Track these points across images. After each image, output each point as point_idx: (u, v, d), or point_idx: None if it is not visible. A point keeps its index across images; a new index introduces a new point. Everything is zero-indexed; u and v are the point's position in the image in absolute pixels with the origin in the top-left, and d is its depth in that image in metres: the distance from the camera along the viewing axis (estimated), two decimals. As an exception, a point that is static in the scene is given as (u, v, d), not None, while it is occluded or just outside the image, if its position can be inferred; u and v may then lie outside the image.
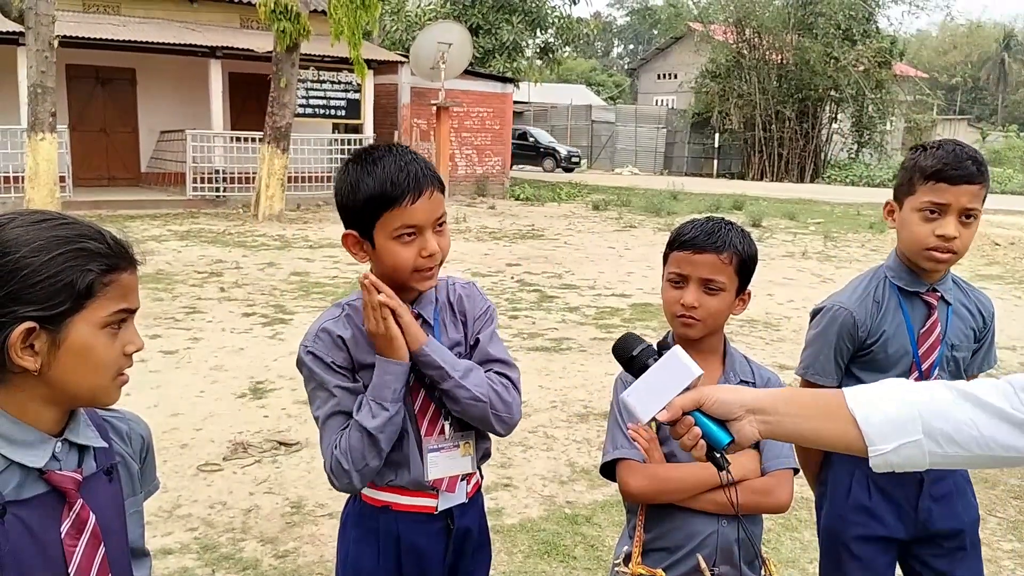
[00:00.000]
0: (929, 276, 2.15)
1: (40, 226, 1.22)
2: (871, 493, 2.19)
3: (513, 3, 26.75)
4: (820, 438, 1.34)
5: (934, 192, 2.05)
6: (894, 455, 1.27)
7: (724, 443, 1.34)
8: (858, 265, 12.26)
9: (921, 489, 2.15)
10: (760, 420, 1.34)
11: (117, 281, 1.25)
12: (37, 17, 11.77)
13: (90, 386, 1.26)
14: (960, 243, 2.05)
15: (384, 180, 1.70)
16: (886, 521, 2.18)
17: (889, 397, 1.29)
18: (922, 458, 1.26)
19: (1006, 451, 1.23)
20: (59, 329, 1.20)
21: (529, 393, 5.35)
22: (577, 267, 11.33)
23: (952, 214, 2.04)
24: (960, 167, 2.02)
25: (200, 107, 18.00)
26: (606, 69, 72.19)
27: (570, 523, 3.90)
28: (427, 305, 1.87)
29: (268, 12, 14.18)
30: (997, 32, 73.64)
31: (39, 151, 12.29)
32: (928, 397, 1.27)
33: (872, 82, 32.28)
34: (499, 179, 22.74)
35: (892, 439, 1.26)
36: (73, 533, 1.25)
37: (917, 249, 2.10)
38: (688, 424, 1.36)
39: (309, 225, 14.93)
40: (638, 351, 1.47)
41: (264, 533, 3.74)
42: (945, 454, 1.25)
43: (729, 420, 1.35)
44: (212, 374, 6.02)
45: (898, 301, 2.16)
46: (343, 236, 1.82)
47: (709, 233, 1.92)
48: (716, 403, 1.35)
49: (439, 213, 1.77)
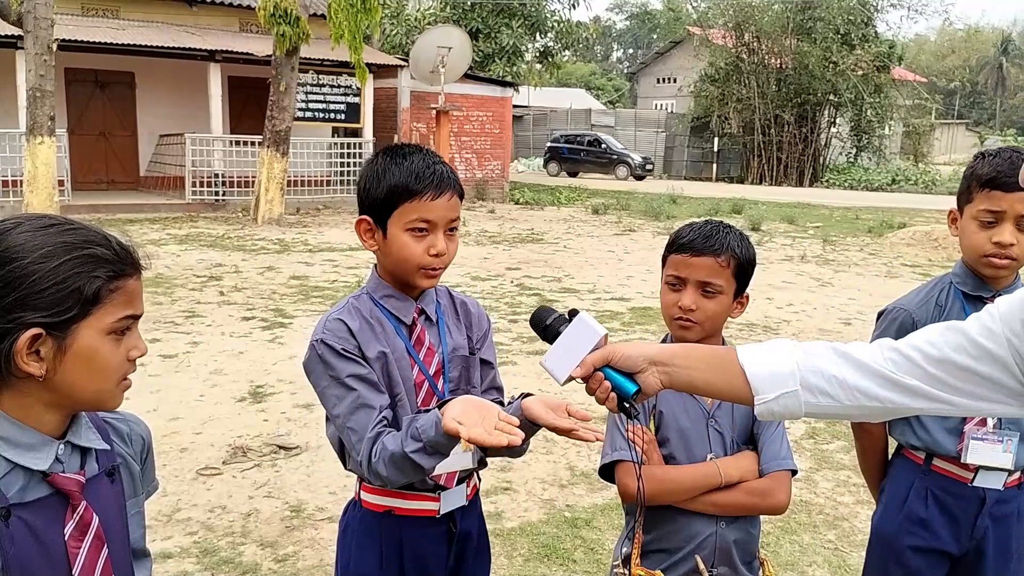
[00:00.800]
0: (995, 283, 2.16)
1: (47, 231, 1.22)
2: (928, 505, 2.19)
3: (513, 7, 26.78)
4: (713, 387, 1.48)
5: (989, 200, 2.08)
6: (775, 403, 1.40)
7: (631, 392, 1.46)
8: (857, 269, 12.28)
9: (982, 507, 2.15)
10: (661, 371, 1.46)
11: (123, 287, 1.25)
12: (36, 20, 11.77)
13: (94, 391, 1.26)
14: (1018, 250, 2.07)
15: (410, 172, 1.77)
16: (940, 535, 2.18)
17: (774, 353, 1.42)
18: (798, 407, 1.39)
19: (870, 401, 1.35)
20: (65, 335, 1.20)
21: (528, 397, 5.34)
22: (577, 271, 11.34)
23: (1008, 221, 2.06)
24: (1014, 174, 2.04)
25: (199, 111, 18.01)
26: (605, 73, 72.23)
27: (570, 526, 3.91)
28: (429, 303, 1.90)
29: (268, 16, 14.19)
30: (995, 37, 73.79)
31: (38, 155, 12.29)
32: (807, 354, 1.40)
33: (871, 86, 32.30)
34: (498, 183, 22.76)
35: (773, 389, 1.39)
36: (77, 535, 1.26)
37: (976, 256, 2.13)
38: (599, 379, 1.48)
39: (308, 229, 14.93)
40: (550, 320, 1.58)
41: (264, 537, 3.74)
42: (819, 404, 1.38)
43: (635, 372, 1.47)
44: (211, 378, 6.02)
45: (962, 306, 2.17)
46: (357, 220, 1.85)
47: (707, 236, 1.93)
48: (622, 358, 1.47)
49: (454, 216, 1.81)
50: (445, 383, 1.88)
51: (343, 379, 1.76)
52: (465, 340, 1.93)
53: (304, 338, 1.90)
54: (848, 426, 3.30)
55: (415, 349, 1.86)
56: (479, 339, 1.97)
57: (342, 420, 1.75)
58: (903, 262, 13.05)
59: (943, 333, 1.33)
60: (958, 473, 2.16)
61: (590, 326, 1.51)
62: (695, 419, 1.95)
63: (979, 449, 2.11)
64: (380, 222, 1.80)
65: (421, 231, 1.77)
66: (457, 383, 1.90)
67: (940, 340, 1.32)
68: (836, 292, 10.20)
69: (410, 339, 1.86)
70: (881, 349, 1.37)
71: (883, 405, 1.35)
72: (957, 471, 2.16)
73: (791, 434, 5.11)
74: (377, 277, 1.89)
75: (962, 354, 1.29)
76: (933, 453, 2.19)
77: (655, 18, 58.05)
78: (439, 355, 1.88)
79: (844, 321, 8.61)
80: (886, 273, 11.93)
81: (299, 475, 4.38)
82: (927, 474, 2.20)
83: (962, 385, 1.30)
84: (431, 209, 1.76)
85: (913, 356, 1.33)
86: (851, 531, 3.96)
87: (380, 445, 1.69)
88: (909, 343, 1.35)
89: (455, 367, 1.90)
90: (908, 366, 1.33)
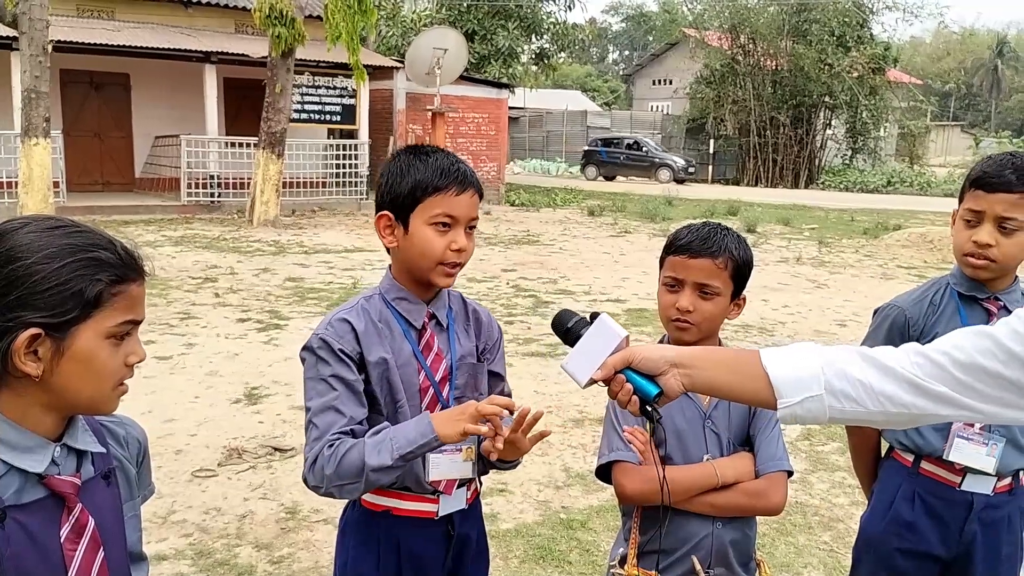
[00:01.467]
0: (990, 284, 2.16)
1: (53, 233, 1.22)
2: (915, 508, 2.19)
3: (509, 9, 26.80)
4: (735, 390, 1.46)
5: (973, 199, 2.10)
6: (799, 408, 1.37)
7: (653, 394, 1.45)
8: (852, 271, 12.31)
9: (970, 512, 2.15)
10: (683, 373, 1.45)
11: (125, 292, 1.25)
12: (31, 22, 11.74)
13: (90, 394, 1.26)
14: (998, 252, 2.06)
15: (436, 169, 1.81)
16: (928, 538, 2.18)
17: (798, 356, 1.40)
18: (823, 412, 1.36)
19: (896, 407, 1.33)
20: (64, 337, 1.20)
21: (524, 399, 5.34)
22: (573, 273, 11.35)
23: (988, 221, 2.07)
24: (998, 175, 2.05)
25: (195, 112, 17.97)
26: (601, 75, 72.35)
27: (565, 528, 3.91)
28: (441, 308, 1.91)
29: (263, 17, 14.17)
30: (990, 39, 74.02)
31: (33, 156, 12.26)
32: (833, 358, 1.38)
33: (866, 88, 32.38)
34: (495, 184, 22.74)
35: (798, 393, 1.37)
36: (72, 537, 1.26)
37: (958, 255, 2.15)
38: (620, 381, 1.47)
39: (304, 231, 14.92)
40: (572, 323, 1.58)
41: (259, 539, 3.73)
42: (843, 409, 1.36)
43: (656, 375, 1.45)
44: (207, 380, 6.01)
45: (956, 306, 2.18)
46: (378, 216, 1.86)
47: (705, 238, 1.94)
48: (643, 360, 1.46)
49: (474, 215, 1.85)
50: (451, 390, 1.88)
51: (327, 377, 1.77)
52: (474, 348, 1.94)
53: (300, 339, 1.91)
54: (843, 428, 3.30)
55: (423, 354, 1.86)
56: (488, 348, 1.98)
57: (311, 415, 1.78)
58: (899, 264, 13.08)
59: (971, 338, 1.31)
60: (946, 477, 2.16)
61: (611, 328, 1.51)
62: (692, 420, 1.95)
63: (963, 448, 2.12)
64: (402, 218, 1.81)
65: (444, 226, 1.79)
66: (463, 390, 1.90)
67: (968, 345, 1.30)
68: (832, 294, 10.22)
69: (419, 343, 1.86)
70: (908, 354, 1.35)
71: (909, 411, 1.32)
72: (945, 474, 2.16)
73: (787, 436, 5.11)
74: (391, 278, 1.89)
75: (991, 359, 1.27)
76: (921, 453, 2.19)
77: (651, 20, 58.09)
78: (447, 361, 1.88)
79: (839, 323, 8.63)
80: (881, 275, 11.95)
81: (294, 476, 4.37)
82: (915, 477, 2.21)
83: (990, 391, 1.28)
84: (455, 204, 1.80)
85: (941, 361, 1.31)
86: (846, 532, 3.96)
87: (335, 449, 1.71)
88: (937, 348, 1.33)
89: (462, 374, 1.90)
90: (936, 371, 1.30)
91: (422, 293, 1.87)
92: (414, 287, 1.86)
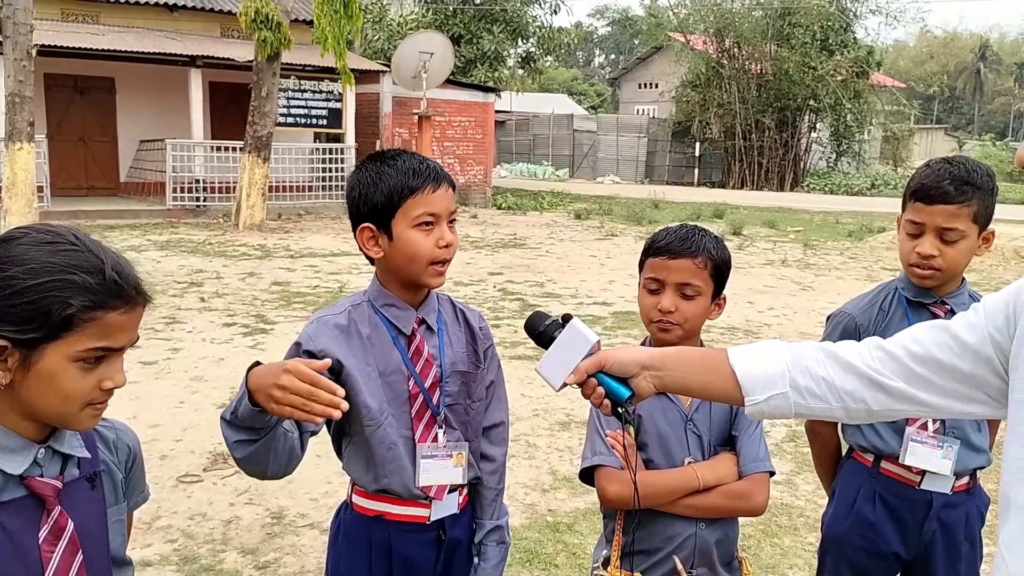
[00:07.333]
0: (938, 290, 2.17)
1: (41, 248, 1.22)
2: (876, 507, 2.21)
3: (495, 13, 26.81)
4: (706, 389, 1.49)
5: (913, 211, 2.12)
6: (765, 405, 1.41)
7: (624, 397, 1.48)
8: (837, 273, 12.38)
9: (929, 511, 2.17)
10: (653, 375, 1.48)
11: (100, 319, 1.23)
12: (15, 26, 11.69)
13: (56, 412, 1.26)
14: (942, 261, 2.08)
15: (407, 171, 1.80)
16: (888, 537, 2.20)
17: (765, 355, 1.43)
18: (788, 408, 1.40)
19: (856, 403, 1.36)
20: (31, 353, 1.21)
21: (511, 402, 5.33)
22: (559, 276, 11.36)
23: (929, 233, 2.08)
24: (936, 188, 2.06)
25: (180, 116, 17.89)
26: (587, 79, 72.48)
27: (552, 531, 3.91)
28: (431, 313, 1.91)
29: (249, 21, 14.14)
30: (973, 42, 74.63)
31: (17, 161, 12.20)
32: (798, 355, 1.41)
33: (850, 92, 32.54)
34: (481, 188, 22.76)
35: (764, 391, 1.40)
36: (50, 539, 1.26)
37: (904, 264, 2.17)
38: (593, 385, 1.50)
39: (290, 235, 14.88)
40: (543, 327, 1.60)
41: (244, 544, 3.72)
42: (808, 405, 1.39)
43: (628, 377, 1.48)
44: (192, 384, 5.99)
45: (904, 312, 2.19)
46: (359, 230, 1.83)
47: (683, 239, 1.96)
48: (615, 363, 1.49)
49: (453, 208, 1.86)
50: (442, 396, 1.88)
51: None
52: (465, 353, 1.94)
53: (286, 344, 1.91)
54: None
55: (412, 360, 1.86)
56: (481, 356, 1.98)
57: None
58: (883, 266, 13.16)
59: (928, 331, 1.33)
60: (905, 476, 2.18)
61: (582, 333, 1.53)
62: (673, 422, 1.96)
63: (918, 452, 2.14)
64: (383, 226, 1.80)
65: (428, 225, 1.79)
66: (456, 397, 1.91)
67: (925, 338, 1.32)
68: (817, 296, 10.28)
69: (408, 350, 1.86)
70: (869, 348, 1.37)
71: (868, 407, 1.35)
72: (904, 474, 2.18)
73: (772, 437, 5.14)
74: (379, 285, 1.89)
75: (946, 351, 1.29)
76: (880, 454, 2.21)
77: (636, 24, 58.28)
78: (436, 367, 1.88)
79: (824, 325, 8.66)
80: (866, 277, 12.02)
81: (280, 482, 4.35)
82: (875, 476, 2.23)
83: (945, 384, 1.30)
84: (434, 201, 1.80)
85: (899, 354, 1.33)
86: (831, 533, 3.98)
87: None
88: (896, 341, 1.35)
89: (454, 382, 1.90)
90: (894, 365, 1.33)
91: (411, 298, 1.87)
92: (403, 293, 1.87)
